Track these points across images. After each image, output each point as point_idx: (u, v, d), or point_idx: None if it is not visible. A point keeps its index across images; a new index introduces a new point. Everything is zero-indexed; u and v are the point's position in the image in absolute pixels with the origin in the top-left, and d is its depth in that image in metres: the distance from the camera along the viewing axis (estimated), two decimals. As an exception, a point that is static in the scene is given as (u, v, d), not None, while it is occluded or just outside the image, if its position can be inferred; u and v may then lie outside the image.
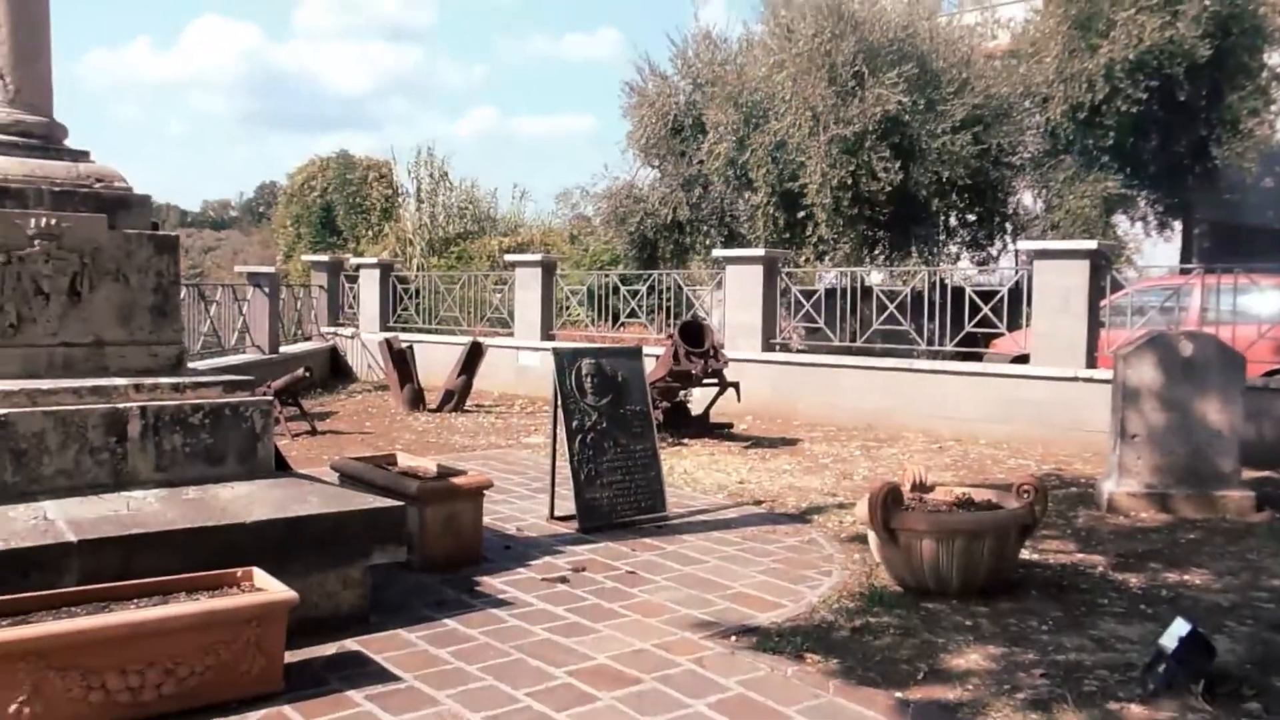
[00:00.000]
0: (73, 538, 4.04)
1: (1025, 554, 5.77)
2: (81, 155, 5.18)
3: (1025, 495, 5.35)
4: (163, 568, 4.07)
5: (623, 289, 15.24)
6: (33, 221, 4.67)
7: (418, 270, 21.73)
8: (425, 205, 26.03)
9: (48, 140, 5.10)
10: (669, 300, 15.01)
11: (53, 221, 4.72)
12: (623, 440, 7.03)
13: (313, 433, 10.90)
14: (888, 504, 5.17)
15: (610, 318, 15.76)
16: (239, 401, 4.94)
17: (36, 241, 4.66)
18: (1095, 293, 10.36)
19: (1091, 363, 10.24)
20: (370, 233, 27.76)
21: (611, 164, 18.93)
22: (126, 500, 4.48)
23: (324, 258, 19.54)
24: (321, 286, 18.47)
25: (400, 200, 27.86)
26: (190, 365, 5.95)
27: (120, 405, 4.64)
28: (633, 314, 15.15)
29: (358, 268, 18.25)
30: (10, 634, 3.40)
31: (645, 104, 17.25)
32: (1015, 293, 11.29)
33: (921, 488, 5.68)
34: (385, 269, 17.80)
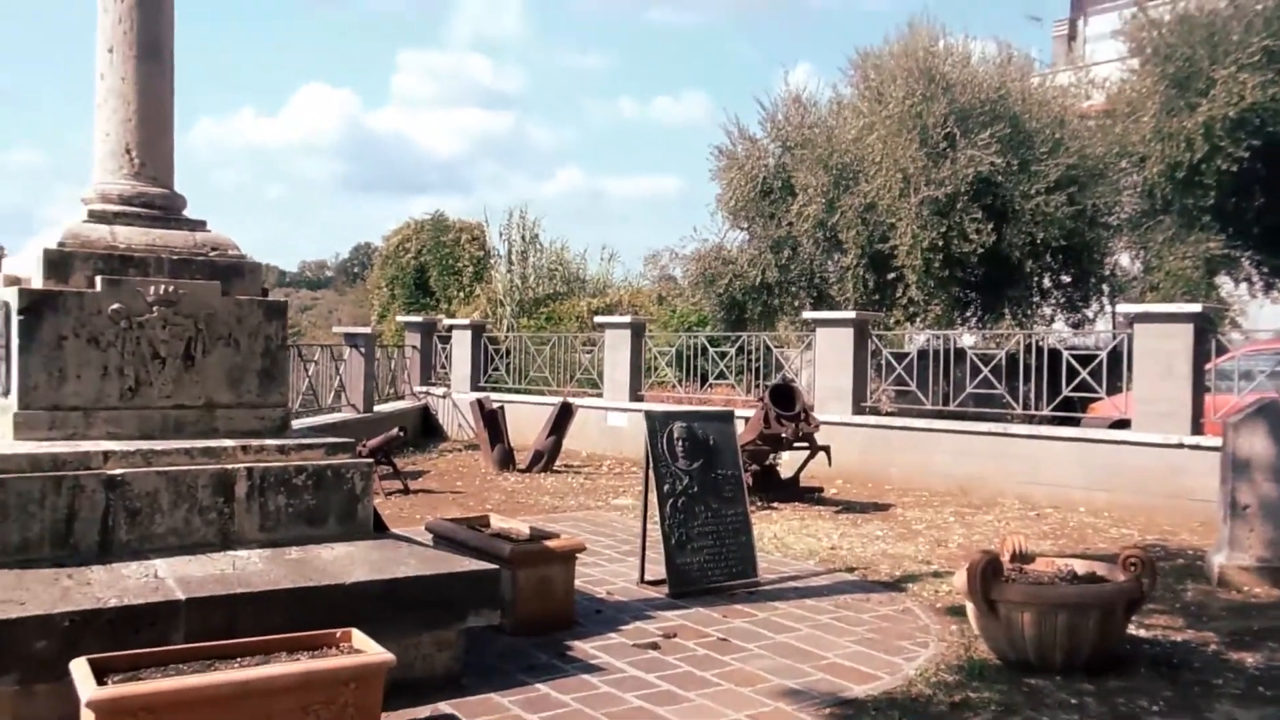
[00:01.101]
0: (181, 596, 4.16)
1: (1132, 629, 5.57)
2: (199, 225, 5.41)
3: (1131, 568, 5.18)
4: (265, 626, 4.15)
5: (711, 350, 15.26)
6: (152, 289, 4.88)
7: (508, 331, 22.06)
8: (516, 267, 26.47)
9: (168, 211, 5.34)
10: (757, 362, 14.98)
11: (171, 288, 4.93)
12: (714, 504, 7.00)
13: (405, 491, 11.07)
14: (987, 575, 5.05)
15: (698, 379, 15.77)
16: (340, 464, 5.07)
17: (155, 308, 4.87)
18: (1200, 357, 10.06)
19: (1197, 429, 9.92)
20: (462, 294, 28.29)
21: (700, 226, 19.07)
22: (232, 559, 4.60)
23: (418, 319, 19.98)
24: (415, 347, 18.85)
25: (492, 262, 28.38)
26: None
27: (229, 466, 4.79)
28: (721, 375, 15.14)
29: (450, 329, 18.62)
30: (124, 690, 3.50)
31: (734, 167, 17.37)
32: (1114, 356, 11.02)
33: (1021, 558, 5.54)
34: (477, 330, 18.11)
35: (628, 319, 15.72)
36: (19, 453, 4.38)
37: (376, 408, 15.95)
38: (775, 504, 10.29)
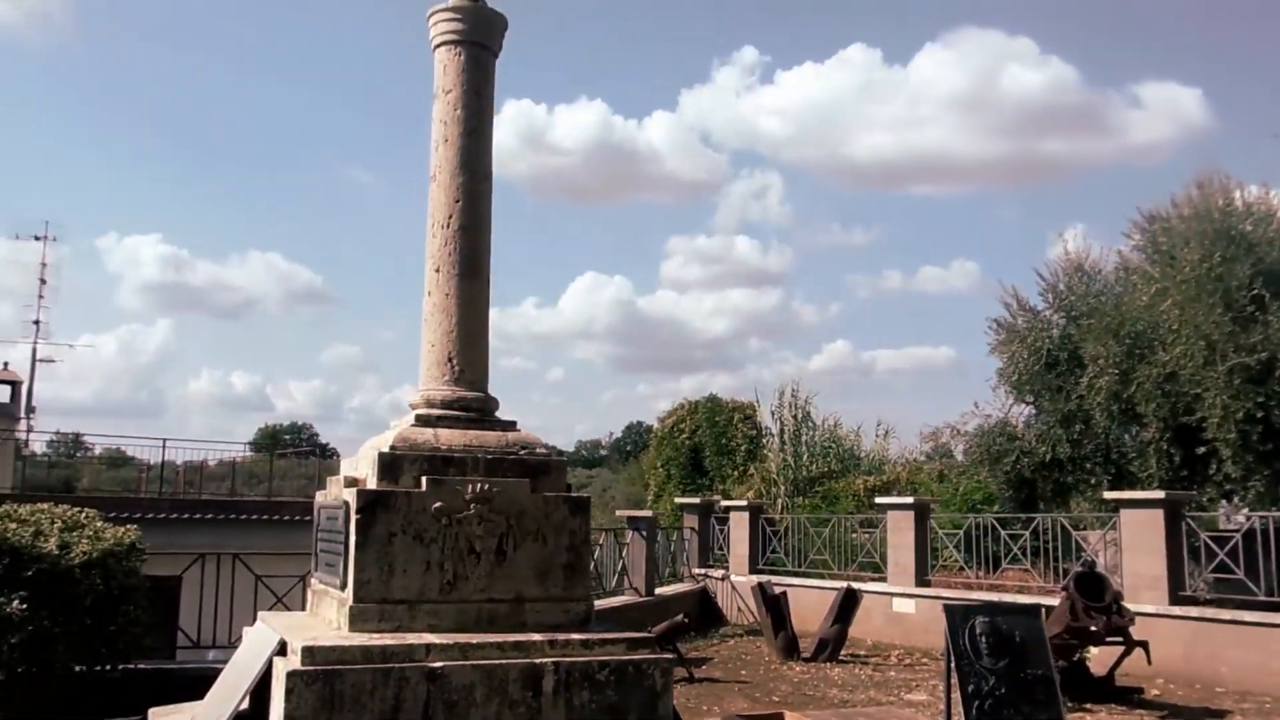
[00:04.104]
0: (496, 792, 4.25)
1: None
2: (510, 425, 5.79)
3: None
4: (574, 828, 4.17)
5: (1001, 532, 14.45)
6: (470, 487, 5.23)
7: (783, 511, 21.86)
8: (789, 445, 26.41)
9: (483, 413, 5.75)
10: (1051, 543, 14.02)
11: (486, 486, 5.25)
12: (1024, 707, 6.50)
13: (690, 680, 10.95)
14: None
15: (989, 563, 14.91)
16: (641, 659, 5.11)
17: (472, 505, 5.20)
18: None
19: None
20: (736, 473, 28.41)
21: (981, 400, 18.38)
22: (543, 755, 4.68)
23: (695, 500, 20.18)
24: (693, 528, 18.99)
25: (765, 440, 28.47)
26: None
27: (536, 660, 4.93)
28: (1014, 559, 14.26)
29: (727, 510, 18.66)
30: None
31: (1015, 339, 16.82)
32: None
33: None
34: (754, 511, 18.05)
35: (910, 499, 15.22)
36: (354, 644, 4.71)
37: (657, 590, 16.05)
38: (1088, 706, 9.41)
